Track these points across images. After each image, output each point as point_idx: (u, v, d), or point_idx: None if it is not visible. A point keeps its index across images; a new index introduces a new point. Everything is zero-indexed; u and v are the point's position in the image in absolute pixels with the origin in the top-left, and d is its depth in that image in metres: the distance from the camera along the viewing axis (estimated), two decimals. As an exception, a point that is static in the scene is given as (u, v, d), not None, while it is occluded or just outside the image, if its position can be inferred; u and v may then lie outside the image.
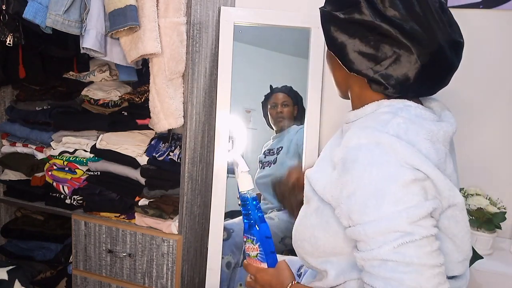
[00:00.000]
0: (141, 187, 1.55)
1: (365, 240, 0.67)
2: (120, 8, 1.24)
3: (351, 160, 0.69)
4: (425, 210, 0.65)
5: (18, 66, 1.64)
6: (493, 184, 1.60)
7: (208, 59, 1.53)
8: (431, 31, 0.71)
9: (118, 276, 1.56)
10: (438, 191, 0.68)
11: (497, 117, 1.59)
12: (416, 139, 0.69)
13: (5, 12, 1.33)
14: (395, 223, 0.64)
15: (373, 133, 0.69)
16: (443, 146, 0.73)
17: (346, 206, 0.69)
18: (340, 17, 0.75)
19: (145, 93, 1.57)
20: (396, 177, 0.66)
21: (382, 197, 0.65)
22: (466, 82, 1.59)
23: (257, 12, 1.58)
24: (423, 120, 0.73)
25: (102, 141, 1.60)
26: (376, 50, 0.73)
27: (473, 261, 1.38)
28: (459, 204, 0.71)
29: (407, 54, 0.71)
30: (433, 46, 0.71)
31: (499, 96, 1.57)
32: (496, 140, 1.60)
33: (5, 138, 1.82)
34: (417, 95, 0.78)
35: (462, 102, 1.61)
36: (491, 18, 1.54)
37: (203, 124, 1.55)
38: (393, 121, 0.71)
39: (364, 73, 0.75)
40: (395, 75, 0.73)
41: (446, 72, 0.76)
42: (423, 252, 0.64)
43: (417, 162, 0.66)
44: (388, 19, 0.71)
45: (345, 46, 0.75)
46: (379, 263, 0.65)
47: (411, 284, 0.63)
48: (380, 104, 0.76)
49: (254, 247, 0.88)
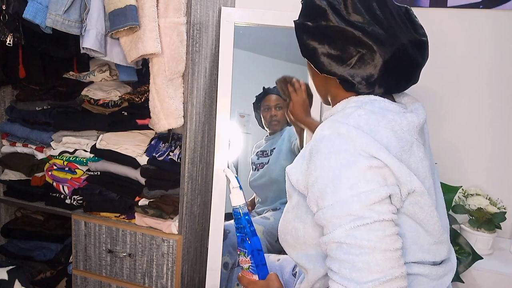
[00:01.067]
0: (141, 187, 1.55)
1: (325, 225, 0.72)
2: (120, 8, 1.24)
3: (315, 151, 0.75)
4: (378, 195, 0.69)
5: (18, 66, 1.64)
6: (493, 184, 1.60)
7: (208, 59, 1.53)
8: (392, 31, 0.78)
9: (118, 276, 1.56)
10: (396, 177, 0.72)
11: (498, 117, 1.59)
12: (377, 129, 0.74)
13: (5, 12, 1.33)
14: (349, 207, 0.68)
15: (334, 124, 0.75)
16: (409, 136, 0.77)
17: (312, 193, 0.74)
18: (309, 25, 0.83)
19: (145, 93, 1.57)
20: (353, 164, 0.70)
21: (339, 182, 0.70)
22: (466, 82, 1.60)
23: (257, 12, 1.58)
24: (386, 111, 0.78)
25: (102, 141, 1.60)
26: (342, 52, 0.79)
27: (473, 261, 1.38)
28: (418, 190, 0.74)
29: (370, 53, 0.78)
30: (395, 44, 0.78)
31: (500, 96, 1.58)
32: (496, 140, 1.60)
33: (5, 138, 1.82)
34: (386, 91, 0.83)
35: (462, 102, 1.61)
36: (491, 18, 1.54)
37: (203, 124, 1.55)
38: (355, 113, 0.77)
39: (333, 72, 0.81)
40: (360, 73, 0.79)
41: (411, 69, 0.83)
42: (375, 236, 0.67)
43: (374, 150, 0.71)
44: (352, 23, 0.78)
45: (315, 50, 0.82)
46: (336, 245, 0.70)
47: (362, 266, 0.67)
48: (349, 101, 0.83)
49: (246, 260, 0.93)
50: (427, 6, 1.58)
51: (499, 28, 1.54)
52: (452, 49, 1.60)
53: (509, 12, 1.52)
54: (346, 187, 0.69)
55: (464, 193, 1.55)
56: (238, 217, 0.93)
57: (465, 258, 1.38)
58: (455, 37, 1.58)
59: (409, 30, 0.81)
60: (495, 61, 1.56)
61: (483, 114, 1.60)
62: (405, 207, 0.74)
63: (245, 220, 0.93)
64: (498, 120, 1.59)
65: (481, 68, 1.58)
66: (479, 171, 1.62)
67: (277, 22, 1.57)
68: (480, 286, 1.41)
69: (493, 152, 1.61)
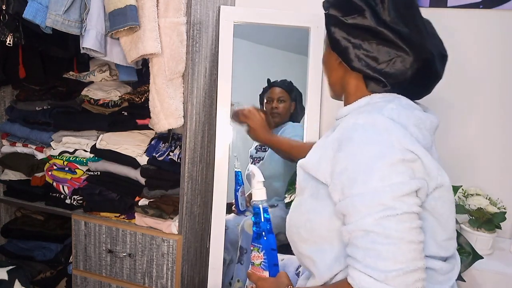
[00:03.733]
0: (141, 187, 1.55)
1: (351, 213, 0.72)
2: (120, 8, 1.24)
3: (347, 139, 0.75)
4: (409, 187, 0.70)
5: (18, 66, 1.65)
6: (493, 184, 1.60)
7: (208, 59, 1.53)
8: (424, 41, 0.81)
9: (118, 276, 1.56)
10: (426, 171, 0.73)
11: (498, 117, 1.59)
12: (407, 123, 0.76)
13: (5, 12, 1.33)
14: (379, 197, 0.69)
15: (370, 114, 0.76)
16: (429, 135, 0.80)
17: (339, 180, 0.74)
18: (346, 22, 0.83)
19: (145, 93, 1.57)
20: (386, 155, 0.71)
21: (371, 173, 0.70)
22: (467, 82, 1.60)
23: (256, 11, 1.59)
24: (413, 108, 0.80)
25: (102, 141, 1.60)
26: (377, 52, 0.81)
27: (473, 261, 1.38)
28: (446, 185, 0.77)
29: (405, 57, 0.80)
30: (426, 53, 0.81)
31: (500, 96, 1.57)
32: (496, 140, 1.60)
33: (5, 138, 1.82)
34: (406, 96, 0.84)
35: (462, 103, 1.61)
36: (491, 18, 1.54)
37: (203, 124, 1.55)
38: (388, 106, 0.78)
39: (365, 71, 0.82)
40: (393, 74, 0.80)
41: (433, 80, 0.86)
42: (403, 227, 0.68)
43: (408, 143, 0.72)
44: (389, 26, 0.79)
45: (348, 47, 0.82)
46: (362, 234, 0.70)
47: (387, 255, 0.67)
48: (373, 97, 0.83)
49: (259, 255, 0.93)
50: (427, 6, 1.58)
51: (499, 28, 1.53)
52: (452, 49, 1.58)
53: (509, 12, 1.52)
54: (378, 178, 0.70)
55: (464, 193, 1.55)
56: (257, 212, 0.94)
57: (465, 258, 1.38)
58: (455, 37, 1.58)
59: (436, 41, 0.85)
60: (495, 61, 1.56)
61: (483, 114, 1.60)
62: (428, 202, 0.76)
63: (264, 216, 0.94)
64: (498, 120, 1.59)
65: (481, 68, 1.57)
66: (479, 171, 1.62)
67: (277, 21, 1.57)
68: (480, 285, 1.41)
69: (493, 152, 1.61)
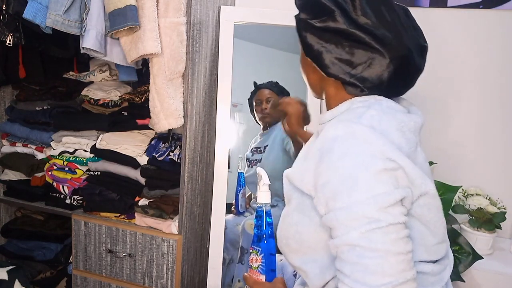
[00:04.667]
0: (141, 187, 1.55)
1: (336, 227, 0.70)
2: (120, 8, 1.24)
3: (327, 150, 0.72)
4: (393, 197, 0.67)
5: (18, 66, 1.65)
6: (493, 184, 1.60)
7: (208, 59, 1.53)
8: (400, 36, 0.77)
9: (118, 276, 1.56)
10: (410, 180, 0.71)
11: (498, 117, 1.59)
12: (389, 130, 0.73)
13: (5, 12, 1.33)
14: (363, 209, 0.67)
15: (349, 124, 0.73)
16: (414, 136, 0.77)
17: (322, 194, 0.72)
18: (315, 25, 0.79)
19: (145, 93, 1.57)
20: (368, 166, 0.69)
21: (354, 184, 0.68)
22: (467, 82, 1.60)
23: (257, 11, 1.59)
24: (395, 111, 0.77)
25: (102, 141, 1.60)
26: (351, 55, 0.77)
27: (473, 261, 1.38)
28: (431, 192, 0.74)
29: (380, 58, 0.76)
30: (403, 50, 0.77)
31: (500, 96, 1.57)
32: (496, 140, 1.60)
33: (5, 138, 1.82)
34: (388, 95, 0.82)
35: (462, 103, 1.61)
36: (491, 18, 1.54)
37: (203, 124, 1.55)
38: (367, 113, 0.75)
39: (340, 77, 0.79)
40: (370, 78, 0.77)
41: (413, 75, 0.82)
42: (389, 239, 0.66)
43: (389, 152, 0.70)
44: (361, 27, 0.76)
45: (322, 52, 0.79)
46: (348, 248, 0.68)
47: (375, 269, 0.65)
48: (354, 101, 0.80)
49: (258, 258, 0.92)
50: (427, 6, 1.58)
51: (499, 28, 1.53)
52: (452, 49, 1.60)
53: (509, 12, 1.52)
54: (361, 189, 0.68)
55: (464, 193, 1.55)
56: (260, 215, 0.93)
57: (465, 258, 1.38)
58: (455, 37, 1.58)
59: (413, 34, 0.80)
60: (495, 61, 1.56)
61: (483, 114, 1.60)
62: (414, 209, 0.74)
63: (266, 220, 0.94)
64: (498, 120, 1.59)
65: (482, 68, 1.57)
66: (479, 171, 1.62)
67: (277, 21, 1.57)
68: (480, 286, 1.41)
69: (493, 152, 1.61)
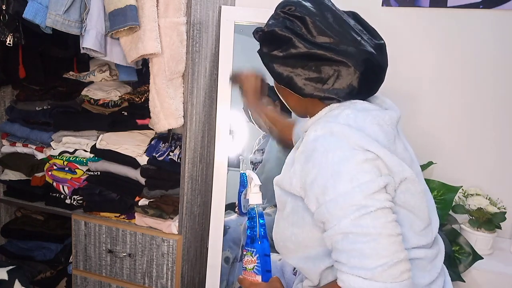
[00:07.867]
0: (141, 187, 1.55)
1: (328, 219, 0.74)
2: (120, 8, 1.24)
3: (311, 150, 0.78)
4: (377, 184, 0.72)
5: (18, 66, 1.65)
6: (493, 184, 1.60)
7: (208, 59, 1.53)
8: (357, 43, 0.82)
9: (118, 276, 1.56)
10: (388, 168, 0.76)
11: (498, 117, 1.59)
12: (365, 125, 0.79)
13: (5, 12, 1.33)
14: (351, 198, 0.71)
15: (327, 125, 0.79)
16: (391, 129, 0.82)
17: (311, 191, 0.77)
18: (279, 55, 0.85)
19: (145, 93, 1.57)
20: (350, 158, 0.74)
21: (339, 177, 0.73)
22: (467, 82, 1.60)
23: (257, 11, 1.58)
24: (369, 110, 0.82)
25: (102, 141, 1.60)
26: (319, 72, 0.82)
27: (473, 261, 1.38)
28: (409, 178, 0.78)
29: (346, 68, 0.81)
30: (363, 54, 0.81)
31: (501, 96, 1.57)
32: (496, 140, 1.60)
33: (5, 138, 1.82)
34: (363, 97, 0.86)
35: (463, 103, 1.61)
36: (491, 18, 1.54)
37: (203, 124, 1.55)
38: (343, 113, 0.81)
39: (316, 95, 0.83)
40: (342, 88, 0.82)
41: (381, 73, 0.86)
42: (379, 223, 0.70)
43: (366, 144, 0.75)
44: (320, 45, 0.81)
45: (292, 77, 0.84)
46: (341, 236, 0.72)
47: (370, 252, 0.69)
48: (332, 107, 0.85)
49: (252, 260, 0.93)
50: (427, 6, 1.58)
51: (499, 28, 1.54)
52: (452, 49, 1.60)
53: (509, 12, 1.52)
54: (346, 180, 0.72)
55: (464, 193, 1.55)
56: (253, 216, 0.95)
57: (465, 258, 1.38)
58: (455, 37, 1.58)
59: (368, 37, 0.85)
60: (495, 61, 1.56)
61: (484, 114, 1.60)
62: (397, 196, 0.78)
63: (258, 221, 0.95)
64: (499, 120, 1.59)
65: (482, 68, 1.57)
66: (479, 171, 1.62)
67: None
68: (480, 286, 1.41)
69: (493, 152, 1.61)
